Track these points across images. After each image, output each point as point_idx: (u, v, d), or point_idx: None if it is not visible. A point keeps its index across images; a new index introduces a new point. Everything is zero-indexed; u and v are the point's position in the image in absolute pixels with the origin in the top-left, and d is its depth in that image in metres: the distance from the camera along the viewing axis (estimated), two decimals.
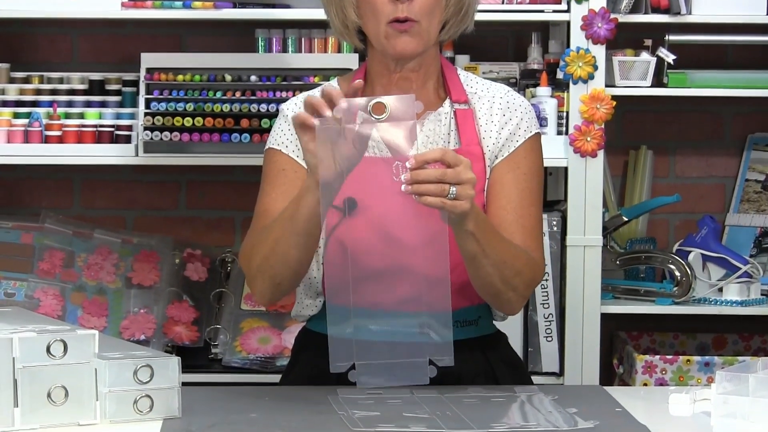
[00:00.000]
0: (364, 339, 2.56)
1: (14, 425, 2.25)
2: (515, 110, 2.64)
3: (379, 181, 2.54)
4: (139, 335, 3.42)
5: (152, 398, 2.32)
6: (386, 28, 2.55)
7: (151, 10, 3.32)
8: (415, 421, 2.29)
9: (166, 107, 3.35)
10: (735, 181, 3.70)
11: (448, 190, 2.29)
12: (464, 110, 2.63)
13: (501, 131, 2.62)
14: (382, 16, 2.54)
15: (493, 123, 2.63)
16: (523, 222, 2.58)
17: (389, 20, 2.53)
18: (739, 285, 3.41)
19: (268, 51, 3.49)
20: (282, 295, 2.58)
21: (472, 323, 2.63)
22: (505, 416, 2.38)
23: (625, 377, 3.44)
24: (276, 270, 2.52)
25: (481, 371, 2.64)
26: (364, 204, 2.52)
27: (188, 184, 3.68)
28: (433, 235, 2.52)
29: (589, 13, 3.33)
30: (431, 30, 2.58)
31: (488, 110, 2.63)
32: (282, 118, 2.65)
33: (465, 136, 2.62)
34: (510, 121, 2.63)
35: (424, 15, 2.54)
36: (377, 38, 2.58)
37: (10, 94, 3.46)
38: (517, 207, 2.60)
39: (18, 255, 3.48)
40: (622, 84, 3.40)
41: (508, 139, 2.62)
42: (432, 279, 2.48)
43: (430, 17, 2.55)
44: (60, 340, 2.27)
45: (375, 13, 2.55)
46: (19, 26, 3.58)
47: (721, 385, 2.39)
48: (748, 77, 3.44)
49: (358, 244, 2.49)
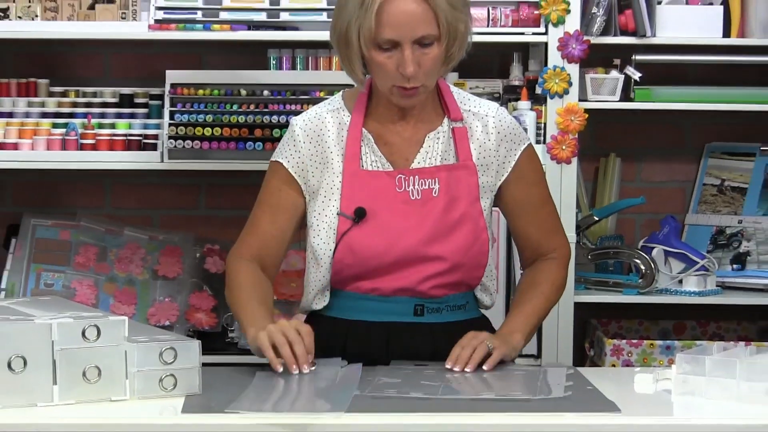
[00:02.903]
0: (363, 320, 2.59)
1: (53, 401, 2.25)
2: (507, 127, 2.64)
3: (383, 192, 2.55)
4: (164, 321, 3.42)
5: (176, 377, 2.32)
6: (392, 88, 2.52)
7: (175, 32, 3.32)
8: (415, 388, 2.32)
9: (188, 118, 3.35)
10: (693, 185, 3.71)
11: (487, 348, 2.47)
12: (461, 128, 2.62)
13: (498, 148, 2.62)
14: (389, 80, 2.50)
15: (490, 141, 2.62)
16: (545, 228, 2.69)
17: (395, 85, 2.50)
18: (697, 277, 3.41)
19: (278, 68, 3.49)
20: None
21: (461, 308, 2.65)
22: (492, 387, 2.40)
23: (596, 359, 3.45)
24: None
25: None
26: (372, 211, 2.53)
27: (207, 186, 3.69)
28: (431, 235, 2.54)
29: (565, 35, 3.33)
30: (432, 83, 2.56)
31: (483, 128, 2.63)
32: (290, 134, 2.63)
33: (462, 153, 2.61)
34: (505, 138, 2.63)
35: (428, 77, 2.51)
36: (384, 91, 2.54)
37: (49, 107, 3.46)
38: (536, 219, 2.68)
39: (56, 250, 3.48)
40: (593, 98, 3.40)
41: (506, 156, 2.63)
42: (428, 270, 2.51)
43: (433, 76, 2.53)
44: (94, 326, 2.28)
45: (384, 74, 2.50)
46: (58, 46, 3.58)
47: (680, 366, 2.39)
48: (706, 92, 3.44)
49: (365, 247, 2.51)
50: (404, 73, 2.46)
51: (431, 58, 2.48)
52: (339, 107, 2.64)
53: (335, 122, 2.61)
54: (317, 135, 2.60)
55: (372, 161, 2.58)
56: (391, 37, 2.45)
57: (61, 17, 3.33)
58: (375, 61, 2.48)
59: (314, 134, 2.60)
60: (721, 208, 3.63)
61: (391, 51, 2.46)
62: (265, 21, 3.33)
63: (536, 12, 3.35)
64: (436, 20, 2.45)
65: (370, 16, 2.43)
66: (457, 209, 2.57)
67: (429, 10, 2.44)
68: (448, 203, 2.56)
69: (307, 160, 2.59)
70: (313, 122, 2.62)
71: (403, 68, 2.45)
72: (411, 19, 2.43)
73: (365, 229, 2.53)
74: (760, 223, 3.55)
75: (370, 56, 2.48)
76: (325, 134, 2.60)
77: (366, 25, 2.44)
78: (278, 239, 2.61)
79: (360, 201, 2.54)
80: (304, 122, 2.63)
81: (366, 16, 2.43)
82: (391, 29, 2.44)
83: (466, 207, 2.58)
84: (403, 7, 2.43)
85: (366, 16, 2.43)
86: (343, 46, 2.51)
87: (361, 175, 2.56)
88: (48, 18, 3.33)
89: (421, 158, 2.59)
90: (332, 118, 2.62)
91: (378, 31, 2.44)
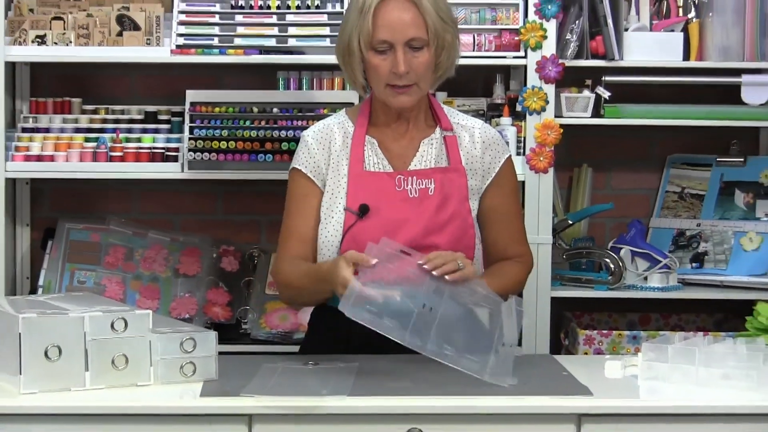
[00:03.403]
0: None
1: (85, 385, 2.25)
2: (491, 137, 2.68)
3: (385, 191, 2.57)
4: (184, 314, 3.42)
5: (195, 364, 2.33)
6: (386, 89, 2.57)
7: (194, 56, 3.32)
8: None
9: (206, 133, 3.35)
10: (657, 192, 3.70)
11: (457, 265, 2.38)
12: (451, 137, 2.66)
13: (483, 156, 2.65)
14: (384, 80, 2.56)
15: (476, 150, 2.65)
16: (514, 237, 2.68)
17: (388, 84, 2.56)
18: (660, 275, 3.41)
19: (287, 88, 3.49)
20: None
21: None
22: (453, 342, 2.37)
23: (570, 348, 3.45)
24: (299, 303, 2.73)
25: None
26: (374, 207, 2.55)
27: (224, 193, 3.68)
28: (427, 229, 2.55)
29: (542, 58, 3.33)
30: (425, 86, 2.60)
31: (470, 138, 2.66)
32: (303, 143, 2.68)
33: (452, 158, 2.64)
34: (490, 147, 2.66)
35: (419, 78, 2.57)
36: (380, 94, 2.60)
37: (82, 123, 3.46)
38: (508, 228, 2.68)
39: (88, 251, 3.48)
40: (568, 115, 3.40)
41: (490, 164, 2.66)
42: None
43: (423, 78, 2.58)
44: (122, 318, 2.28)
45: (379, 77, 2.57)
46: (90, 69, 3.58)
47: (646, 354, 2.40)
48: (668, 110, 3.44)
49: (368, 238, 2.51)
50: (396, 71, 2.53)
51: (421, 61, 2.55)
52: (344, 120, 2.69)
53: (341, 131, 2.66)
54: (326, 141, 2.65)
55: (374, 163, 2.61)
56: (385, 38, 2.53)
57: (92, 43, 3.33)
58: (372, 64, 2.55)
59: (324, 140, 2.65)
60: (681, 213, 3.63)
61: (386, 54, 2.54)
62: (274, 46, 3.33)
63: (516, 38, 3.36)
64: (425, 26, 2.54)
65: (368, 20, 2.52)
66: (449, 206, 2.59)
67: (419, 16, 2.54)
68: (441, 201, 2.58)
69: (320, 162, 2.63)
70: (322, 131, 2.67)
71: (396, 67, 2.53)
72: (403, 22, 2.53)
73: (368, 223, 2.55)
74: (716, 226, 3.55)
75: (368, 60, 2.55)
76: (333, 141, 2.65)
77: (365, 29, 2.53)
78: (313, 238, 2.61)
79: (364, 198, 2.57)
80: (314, 132, 2.68)
81: (364, 21, 2.53)
82: (385, 30, 2.53)
83: (456, 205, 2.60)
84: (396, 12, 2.54)
85: (364, 21, 2.53)
86: (347, 55, 2.59)
87: (365, 175, 2.59)
88: (80, 43, 3.33)
89: (417, 161, 2.62)
90: (338, 128, 2.67)
91: (374, 34, 2.53)
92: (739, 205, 3.55)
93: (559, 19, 3.35)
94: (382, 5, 2.53)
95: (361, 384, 2.28)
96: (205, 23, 3.33)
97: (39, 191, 3.64)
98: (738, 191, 3.56)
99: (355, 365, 2.39)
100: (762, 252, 3.45)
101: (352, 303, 2.28)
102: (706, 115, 3.44)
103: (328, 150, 2.64)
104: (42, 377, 2.22)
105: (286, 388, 2.25)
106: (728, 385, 2.30)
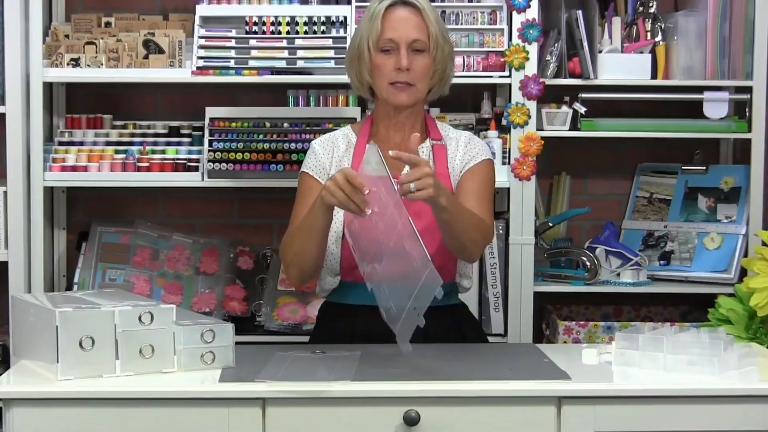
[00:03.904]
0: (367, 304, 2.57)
1: (116, 372, 2.25)
2: (473, 144, 2.68)
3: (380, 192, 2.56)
4: (204, 308, 3.42)
5: (214, 353, 2.32)
6: (389, 87, 2.58)
7: (213, 77, 3.32)
8: None
9: (224, 146, 3.34)
10: (628, 197, 3.70)
11: (429, 194, 2.32)
12: (439, 145, 2.67)
13: (464, 156, 2.65)
14: (387, 78, 2.58)
15: (459, 153, 2.66)
16: (480, 206, 2.60)
17: (391, 82, 2.58)
18: (632, 271, 3.40)
19: (296, 105, 3.49)
20: (309, 278, 2.61)
21: (446, 295, 2.63)
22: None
23: (551, 337, 3.45)
24: (303, 261, 2.54)
25: (452, 329, 2.65)
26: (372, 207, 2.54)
27: (240, 200, 3.68)
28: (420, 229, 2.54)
29: (525, 78, 3.33)
30: (422, 90, 2.62)
31: (455, 146, 2.68)
32: (311, 150, 2.70)
33: (439, 163, 2.65)
34: (469, 149, 2.67)
35: (418, 80, 2.59)
36: (382, 93, 2.61)
37: (112, 137, 3.45)
38: (477, 197, 2.62)
39: (118, 251, 3.47)
40: (548, 128, 3.40)
41: (468, 161, 2.66)
42: (417, 259, 2.48)
43: (421, 81, 2.60)
44: (148, 312, 2.28)
45: (383, 75, 2.59)
46: (120, 88, 3.58)
47: (619, 343, 2.39)
48: (638, 123, 3.44)
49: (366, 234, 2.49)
50: (400, 65, 2.56)
51: (421, 64, 2.58)
52: (348, 132, 2.72)
53: (345, 141, 2.69)
54: (331, 148, 2.68)
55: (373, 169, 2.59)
56: (391, 37, 2.57)
57: (121, 65, 3.33)
58: (377, 63, 2.59)
59: (329, 147, 2.68)
60: (650, 216, 3.63)
61: (391, 53, 2.58)
62: (285, 67, 3.33)
63: (502, 60, 3.35)
64: (427, 32, 2.58)
65: (377, 23, 2.58)
66: None
67: (422, 22, 2.59)
68: None
69: (325, 164, 2.65)
70: (328, 140, 2.70)
71: (399, 62, 2.56)
72: (407, 24, 2.58)
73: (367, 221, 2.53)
74: (682, 227, 3.55)
75: (374, 61, 2.59)
76: (337, 147, 2.67)
77: (374, 30, 2.57)
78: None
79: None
80: (321, 140, 2.71)
81: (374, 24, 2.58)
82: (391, 30, 2.57)
83: None
84: (402, 15, 2.59)
85: (373, 25, 2.58)
86: (356, 60, 2.62)
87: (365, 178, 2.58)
88: (111, 66, 3.33)
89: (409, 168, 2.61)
90: (342, 138, 2.70)
91: (382, 34, 2.57)
92: (702, 209, 3.54)
93: (540, 42, 3.35)
94: (390, 11, 2.59)
95: (364, 370, 2.28)
96: (222, 47, 3.33)
97: (74, 198, 3.64)
98: (701, 196, 3.56)
99: (358, 353, 2.39)
100: (722, 251, 3.44)
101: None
102: (672, 128, 3.44)
103: (332, 155, 2.66)
104: (77, 365, 2.21)
105: (296, 374, 2.25)
106: (693, 370, 2.30)
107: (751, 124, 3.37)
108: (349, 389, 2.19)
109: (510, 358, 2.43)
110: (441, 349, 2.50)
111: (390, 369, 2.30)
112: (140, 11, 3.54)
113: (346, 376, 2.22)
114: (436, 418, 2.19)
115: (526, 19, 3.32)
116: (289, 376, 2.23)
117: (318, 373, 2.25)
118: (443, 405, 2.20)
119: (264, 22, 3.35)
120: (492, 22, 3.39)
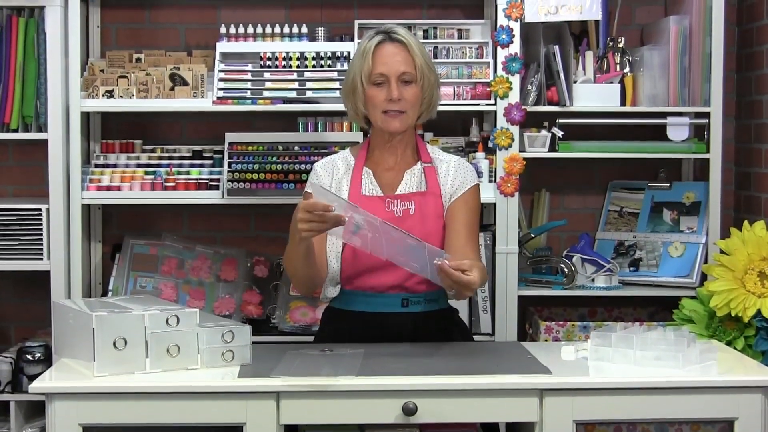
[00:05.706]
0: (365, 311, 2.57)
1: (146, 369, 2.25)
2: (463, 169, 2.66)
3: (376, 210, 2.55)
4: (224, 312, 3.41)
5: (233, 352, 2.32)
6: (382, 115, 2.56)
7: (232, 105, 3.32)
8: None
9: (242, 167, 3.34)
10: (601, 211, 3.69)
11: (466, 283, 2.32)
12: (430, 167, 2.65)
13: (454, 181, 2.63)
14: (380, 108, 2.56)
15: (449, 177, 2.64)
16: (471, 244, 2.59)
17: (384, 111, 2.56)
18: (605, 276, 3.40)
19: (305, 131, 3.49)
20: (313, 289, 2.61)
21: (435, 301, 2.63)
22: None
23: (533, 336, 3.44)
24: (302, 280, 2.55)
25: (441, 331, 2.64)
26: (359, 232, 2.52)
27: (256, 215, 3.68)
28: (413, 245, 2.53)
29: (508, 105, 3.33)
30: (412, 116, 2.60)
31: (446, 169, 2.65)
32: (313, 171, 2.68)
33: (430, 184, 2.63)
34: (459, 175, 2.64)
35: (409, 107, 2.57)
36: (377, 121, 2.59)
37: (142, 160, 3.45)
38: (467, 233, 2.61)
39: (148, 261, 3.47)
40: (530, 150, 3.40)
41: (459, 186, 2.63)
42: (415, 246, 2.46)
43: (412, 108, 2.58)
44: (175, 315, 2.27)
45: (376, 106, 2.57)
46: (149, 116, 3.58)
47: (594, 340, 2.39)
48: (609, 145, 3.43)
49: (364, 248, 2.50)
50: (391, 96, 2.54)
51: (411, 93, 2.56)
52: (347, 155, 2.69)
53: (344, 163, 2.66)
54: (331, 169, 2.66)
55: (369, 189, 2.61)
56: (382, 71, 2.55)
57: (150, 96, 3.33)
58: (370, 95, 2.56)
59: (329, 169, 2.66)
60: (621, 227, 3.62)
61: (382, 86, 2.55)
62: (295, 97, 3.33)
63: (488, 89, 3.35)
64: (413, 65, 2.56)
65: (368, 59, 2.55)
66: (426, 223, 2.57)
67: (409, 56, 2.57)
68: (420, 219, 2.57)
69: (325, 184, 2.62)
70: (328, 162, 2.68)
71: (390, 94, 2.54)
72: (395, 58, 2.55)
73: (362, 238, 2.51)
74: (649, 237, 3.54)
75: (368, 93, 2.56)
76: (336, 169, 2.65)
77: (366, 66, 2.55)
78: (316, 243, 2.55)
79: None
80: (322, 163, 2.69)
81: (365, 60, 2.55)
82: (382, 65, 2.55)
83: (433, 222, 2.58)
84: (391, 50, 2.56)
85: (365, 61, 2.55)
86: (351, 92, 2.60)
87: (362, 198, 2.58)
88: (141, 96, 3.33)
89: (402, 187, 2.61)
90: (342, 161, 2.67)
91: (373, 69, 2.55)
92: (667, 221, 3.54)
93: (522, 74, 3.35)
94: (379, 47, 2.56)
95: (367, 366, 2.27)
96: (240, 79, 3.33)
97: (109, 214, 3.64)
98: (665, 210, 3.56)
99: (361, 351, 2.38)
100: (685, 258, 3.44)
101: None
102: (639, 149, 3.44)
103: (332, 176, 2.64)
104: (111, 363, 2.21)
105: (307, 370, 2.24)
106: (660, 364, 2.30)
107: (709, 145, 3.37)
108: (353, 383, 2.18)
109: (497, 355, 2.43)
110: (435, 347, 2.49)
111: (390, 365, 2.30)
112: (167, 48, 3.55)
113: (351, 371, 2.21)
114: (431, 409, 2.19)
115: (509, 54, 3.32)
116: (301, 371, 2.22)
117: (326, 369, 2.25)
118: (438, 397, 2.20)
119: (277, 57, 3.36)
120: (479, 56, 3.39)
